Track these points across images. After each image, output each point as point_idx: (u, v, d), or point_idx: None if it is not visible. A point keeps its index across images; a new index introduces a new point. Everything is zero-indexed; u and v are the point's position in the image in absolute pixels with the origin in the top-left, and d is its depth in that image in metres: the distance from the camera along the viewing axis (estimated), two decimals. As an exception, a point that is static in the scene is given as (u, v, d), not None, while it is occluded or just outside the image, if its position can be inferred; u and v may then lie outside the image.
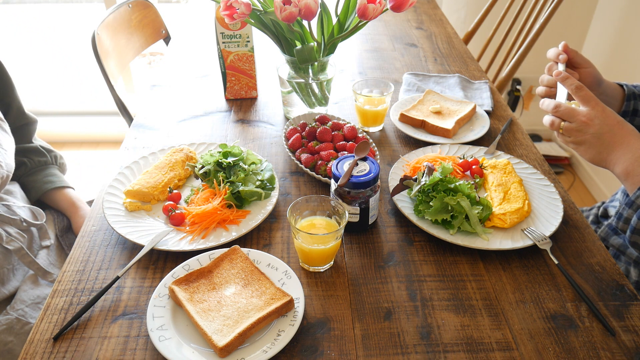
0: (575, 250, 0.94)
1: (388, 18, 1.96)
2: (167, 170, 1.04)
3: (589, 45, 2.60)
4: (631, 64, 2.25)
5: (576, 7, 2.52)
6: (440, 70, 1.58)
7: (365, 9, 1.03)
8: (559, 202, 1.00)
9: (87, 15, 4.18)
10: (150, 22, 1.94)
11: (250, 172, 1.02)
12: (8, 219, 1.06)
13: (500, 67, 2.00)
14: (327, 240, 0.83)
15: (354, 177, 0.89)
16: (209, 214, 0.94)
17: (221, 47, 1.28)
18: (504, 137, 1.25)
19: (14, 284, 1.05)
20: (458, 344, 0.77)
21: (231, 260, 0.86)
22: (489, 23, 2.17)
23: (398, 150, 1.20)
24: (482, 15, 2.08)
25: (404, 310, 0.82)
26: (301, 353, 0.75)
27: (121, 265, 0.90)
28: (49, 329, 0.78)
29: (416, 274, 0.88)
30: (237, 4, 1.04)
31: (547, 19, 1.78)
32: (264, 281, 0.82)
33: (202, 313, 0.77)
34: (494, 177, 1.05)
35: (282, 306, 0.77)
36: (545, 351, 0.76)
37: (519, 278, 0.88)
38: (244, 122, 1.31)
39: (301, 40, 1.15)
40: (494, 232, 0.94)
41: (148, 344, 0.76)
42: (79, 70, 3.52)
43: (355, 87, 1.24)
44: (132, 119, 1.55)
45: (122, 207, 0.99)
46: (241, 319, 0.76)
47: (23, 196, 1.18)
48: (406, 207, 0.98)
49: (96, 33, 1.60)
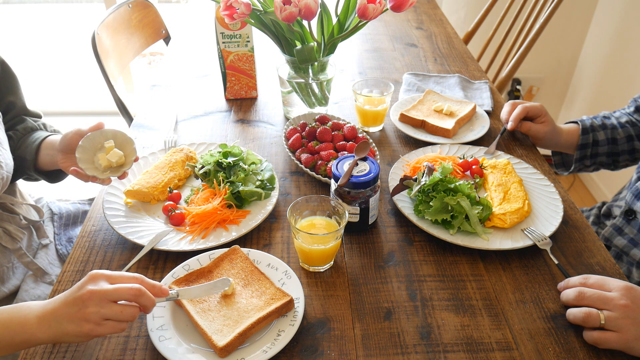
0: (575, 250, 0.94)
1: (388, 18, 1.96)
2: (167, 170, 1.04)
3: (589, 45, 2.60)
4: (631, 64, 2.25)
5: (576, 7, 2.52)
6: (440, 70, 1.58)
7: (365, 9, 1.03)
8: (559, 202, 1.00)
9: (87, 15, 4.18)
10: (150, 22, 1.94)
11: (250, 172, 1.02)
12: (7, 217, 1.06)
13: (500, 67, 2.00)
14: (327, 240, 0.83)
15: (354, 177, 0.89)
16: (209, 214, 0.94)
17: (221, 47, 1.28)
18: (504, 137, 1.25)
19: (14, 283, 1.05)
20: (458, 344, 0.77)
21: (231, 261, 0.86)
22: (489, 23, 2.17)
23: (398, 150, 1.20)
24: (482, 15, 2.08)
25: (404, 310, 0.82)
26: (301, 353, 0.75)
27: (121, 265, 0.90)
28: (49, 329, 0.78)
29: (416, 274, 0.88)
30: (237, 4, 1.04)
31: (547, 19, 1.78)
32: (264, 281, 0.82)
33: (202, 313, 0.77)
34: (494, 177, 1.05)
35: (282, 306, 0.77)
36: (545, 351, 0.76)
37: (519, 278, 0.88)
38: (244, 122, 1.31)
39: (301, 40, 1.15)
40: (494, 232, 0.94)
41: (148, 344, 0.76)
42: (79, 70, 3.52)
43: (355, 87, 1.24)
44: (132, 119, 1.55)
45: (122, 207, 0.99)
46: (241, 319, 0.76)
47: (22, 194, 1.17)
48: (406, 207, 0.98)
49: (96, 33, 1.60)
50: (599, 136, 1.19)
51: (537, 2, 1.88)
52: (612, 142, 1.20)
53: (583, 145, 1.20)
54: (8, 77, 1.09)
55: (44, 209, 1.22)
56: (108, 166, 0.94)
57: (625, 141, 1.19)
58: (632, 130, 1.19)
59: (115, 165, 0.94)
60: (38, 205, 1.18)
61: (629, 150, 1.20)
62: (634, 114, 1.21)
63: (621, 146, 1.20)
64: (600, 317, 0.75)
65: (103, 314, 0.67)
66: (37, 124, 1.13)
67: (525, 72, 2.71)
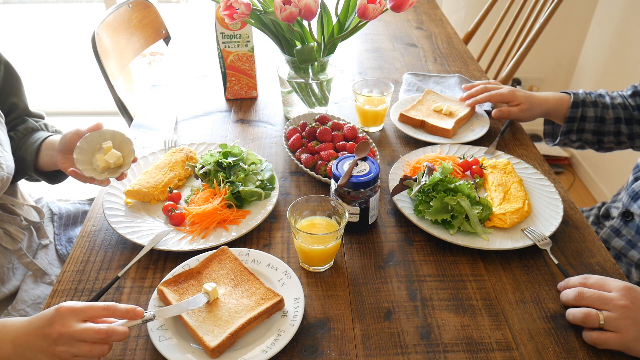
0: (575, 250, 0.94)
1: (388, 18, 1.96)
2: (167, 170, 1.04)
3: (589, 45, 2.61)
4: (631, 64, 2.25)
5: (576, 7, 2.52)
6: (440, 70, 1.58)
7: (365, 9, 1.03)
8: (559, 202, 1.00)
9: (87, 15, 4.18)
10: (150, 22, 1.94)
11: (250, 172, 1.02)
12: (8, 218, 1.06)
13: (500, 67, 2.00)
14: (327, 240, 0.83)
15: (354, 177, 0.89)
16: (209, 214, 0.94)
17: (221, 47, 1.28)
18: (504, 137, 1.25)
19: (14, 283, 1.05)
20: (458, 344, 0.77)
21: (220, 261, 0.86)
22: (489, 23, 2.17)
23: (398, 150, 1.20)
24: (482, 15, 2.08)
25: (404, 310, 0.82)
26: (301, 353, 0.75)
27: (121, 265, 0.90)
28: (49, 329, 0.78)
29: (416, 274, 0.88)
30: (237, 4, 1.04)
31: (547, 19, 1.78)
32: (253, 281, 0.82)
33: (192, 314, 0.77)
34: (494, 177, 1.05)
35: (273, 306, 0.77)
36: (545, 351, 0.76)
37: (519, 278, 0.88)
38: (244, 122, 1.31)
39: (301, 40, 1.15)
40: (494, 232, 0.94)
41: (148, 344, 0.76)
42: (79, 70, 3.52)
43: (355, 87, 1.24)
44: (132, 119, 1.55)
45: (122, 207, 0.99)
46: (232, 319, 0.76)
47: (23, 194, 1.17)
48: (406, 207, 0.98)
49: (96, 33, 1.60)
50: (588, 112, 1.18)
51: (537, 2, 1.88)
52: (600, 121, 1.19)
53: (571, 119, 1.19)
54: (12, 79, 1.09)
55: (44, 209, 1.22)
56: (106, 167, 0.94)
57: (613, 122, 1.19)
58: (622, 113, 1.18)
59: (114, 166, 0.94)
60: (38, 205, 1.18)
61: (614, 132, 1.20)
62: (629, 98, 1.20)
63: (608, 127, 1.19)
64: (600, 317, 0.75)
65: (73, 352, 0.67)
66: (38, 125, 1.13)
67: (525, 72, 2.71)
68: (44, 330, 0.68)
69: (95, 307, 0.69)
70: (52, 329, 0.67)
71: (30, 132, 1.11)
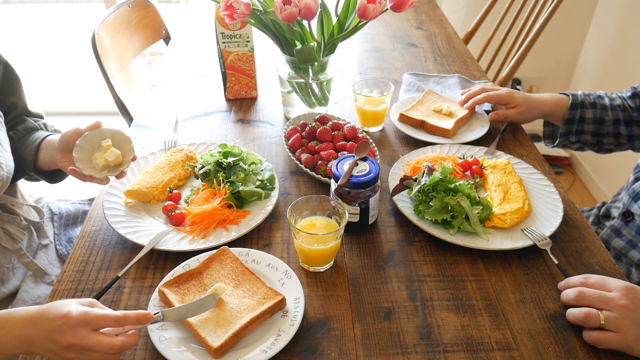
0: (575, 250, 0.93)
1: (388, 18, 1.96)
2: (167, 170, 1.04)
3: (589, 45, 2.61)
4: (631, 64, 2.25)
5: (576, 7, 2.52)
6: (440, 70, 1.58)
7: (365, 9, 1.03)
8: (559, 202, 1.00)
9: (87, 15, 4.18)
10: (150, 22, 1.94)
11: (250, 172, 1.02)
12: (7, 218, 1.06)
13: (500, 67, 2.00)
14: (327, 240, 0.83)
15: (354, 177, 0.89)
16: (209, 214, 0.94)
17: (221, 47, 1.28)
18: (504, 137, 1.25)
19: (14, 283, 1.05)
20: (458, 344, 0.77)
21: (221, 262, 0.86)
22: (489, 23, 2.17)
23: (398, 150, 1.20)
24: (482, 15, 2.08)
25: (404, 310, 0.82)
26: (301, 353, 0.75)
27: (121, 265, 0.90)
28: (49, 329, 0.78)
29: (416, 274, 0.88)
30: (237, 4, 1.04)
31: (547, 19, 1.78)
32: (255, 281, 0.82)
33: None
34: (494, 177, 1.05)
35: (275, 305, 0.77)
36: (545, 351, 0.76)
37: (519, 278, 0.88)
38: (244, 122, 1.31)
39: (301, 40, 1.15)
40: (494, 232, 0.94)
41: (148, 344, 0.76)
42: (79, 70, 3.52)
43: (355, 87, 1.24)
44: (132, 119, 1.55)
45: (122, 207, 0.99)
46: (235, 319, 0.76)
47: (22, 194, 1.17)
48: (406, 207, 0.98)
49: (96, 33, 1.60)
50: (587, 114, 1.18)
51: (537, 2, 1.88)
52: (599, 122, 1.19)
53: (569, 120, 1.19)
54: (11, 79, 1.09)
55: (44, 209, 1.22)
56: (105, 165, 0.94)
57: (612, 124, 1.19)
58: (621, 115, 1.18)
59: (113, 165, 0.94)
60: (38, 205, 1.18)
61: (613, 134, 1.20)
62: (628, 100, 1.20)
63: (607, 128, 1.19)
64: (600, 317, 0.75)
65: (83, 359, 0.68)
66: (37, 124, 1.13)
67: (525, 72, 2.71)
68: (53, 335, 0.67)
69: (106, 319, 0.68)
70: (62, 337, 0.66)
71: (29, 131, 1.11)
